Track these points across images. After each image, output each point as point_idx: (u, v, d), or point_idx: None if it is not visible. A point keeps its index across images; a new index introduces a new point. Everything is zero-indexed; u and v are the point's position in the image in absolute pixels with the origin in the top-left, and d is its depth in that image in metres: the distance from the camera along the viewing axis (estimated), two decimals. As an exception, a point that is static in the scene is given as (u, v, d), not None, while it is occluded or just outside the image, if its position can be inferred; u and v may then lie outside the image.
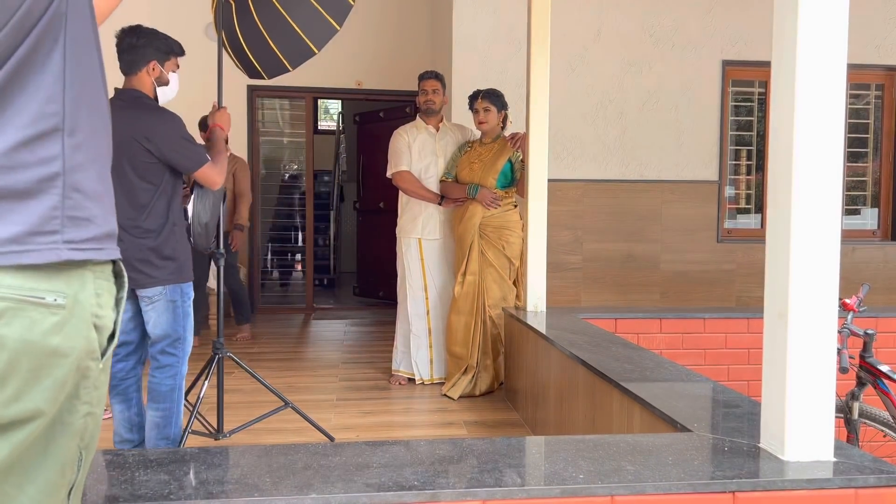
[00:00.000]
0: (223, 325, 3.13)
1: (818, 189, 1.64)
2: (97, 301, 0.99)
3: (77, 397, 0.98)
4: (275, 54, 3.08)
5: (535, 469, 1.69)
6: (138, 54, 2.66)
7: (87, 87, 0.99)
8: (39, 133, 0.93)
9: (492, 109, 4.23)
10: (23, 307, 0.91)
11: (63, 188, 0.95)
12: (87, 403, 1.00)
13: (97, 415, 1.03)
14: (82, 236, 0.97)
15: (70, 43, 0.96)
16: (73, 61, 0.96)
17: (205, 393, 3.01)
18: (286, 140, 7.88)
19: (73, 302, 0.95)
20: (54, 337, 0.93)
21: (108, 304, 1.02)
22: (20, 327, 0.91)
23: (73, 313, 0.95)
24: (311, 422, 3.13)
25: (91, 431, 1.02)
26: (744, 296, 5.99)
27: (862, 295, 2.93)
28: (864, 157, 6.39)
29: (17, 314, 0.91)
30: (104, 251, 1.00)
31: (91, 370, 0.99)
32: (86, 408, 1.00)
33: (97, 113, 1.02)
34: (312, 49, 3.05)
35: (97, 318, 0.99)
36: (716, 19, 5.86)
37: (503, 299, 4.20)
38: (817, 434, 1.68)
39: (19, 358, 0.91)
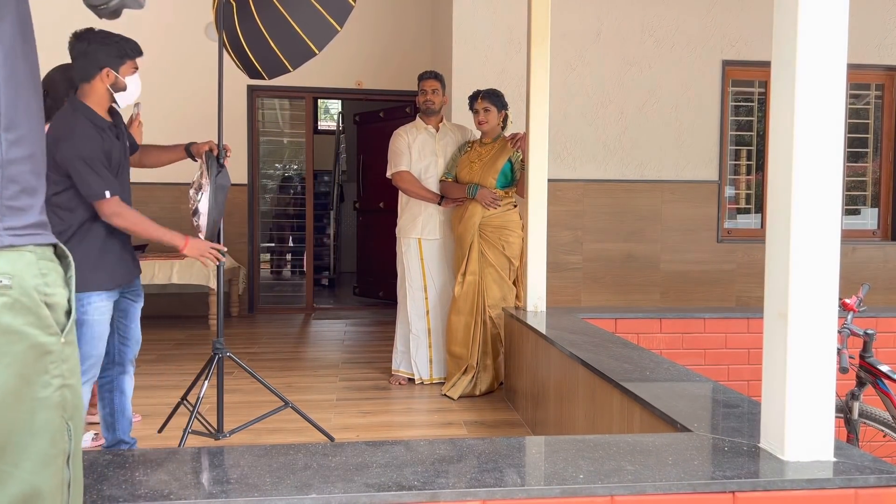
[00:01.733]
0: (223, 325, 3.10)
1: (818, 189, 1.64)
2: (44, 280, 1.03)
3: (45, 372, 1.02)
4: (276, 54, 3.07)
5: (535, 469, 1.69)
6: (89, 61, 2.54)
7: (21, 89, 1.04)
8: None
9: (492, 109, 4.23)
10: None
11: (1, 180, 0.99)
12: (59, 377, 1.04)
13: (74, 385, 1.07)
14: (21, 223, 1.02)
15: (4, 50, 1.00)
16: (7, 66, 1.01)
17: (205, 393, 2.99)
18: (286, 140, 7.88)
19: (18, 282, 0.99)
20: (4, 316, 0.97)
21: (57, 282, 1.06)
22: None
23: (20, 292, 0.99)
24: (311, 421, 3.12)
25: (72, 402, 1.07)
26: (744, 296, 5.99)
27: (862, 295, 2.93)
28: (864, 157, 6.39)
29: None
30: (42, 236, 1.06)
31: (51, 345, 1.03)
32: (58, 381, 1.04)
33: (32, 113, 1.06)
34: (313, 49, 3.04)
35: (46, 295, 1.03)
36: (716, 19, 5.87)
37: (503, 299, 4.20)
38: (817, 434, 1.68)
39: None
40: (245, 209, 7.07)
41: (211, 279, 5.98)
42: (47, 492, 1.02)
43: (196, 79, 6.37)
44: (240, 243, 7.05)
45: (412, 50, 7.05)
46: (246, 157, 7.07)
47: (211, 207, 2.74)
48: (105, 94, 2.60)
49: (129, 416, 2.87)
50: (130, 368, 2.87)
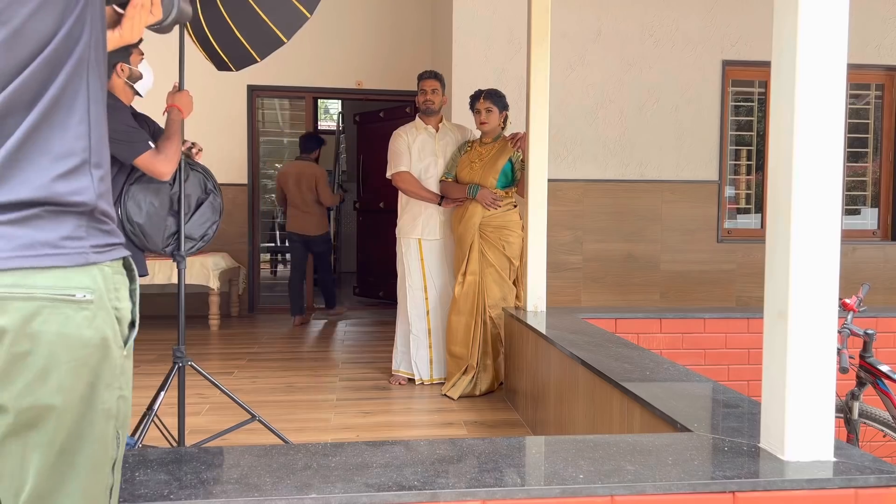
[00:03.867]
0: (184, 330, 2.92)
1: (818, 189, 1.64)
2: (116, 294, 1.10)
3: (109, 383, 1.09)
4: (242, 45, 2.92)
5: (535, 469, 1.69)
6: None
7: (103, 123, 1.12)
8: (71, 168, 1.05)
9: (494, 110, 4.23)
10: (56, 305, 1.02)
11: (91, 212, 1.08)
12: (119, 388, 1.10)
13: (127, 398, 1.13)
14: (102, 242, 1.09)
15: (93, 85, 1.09)
16: (95, 102, 1.10)
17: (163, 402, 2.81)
18: (286, 140, 7.88)
19: (98, 297, 1.06)
20: (86, 329, 1.04)
21: (125, 296, 1.13)
22: (56, 323, 1.01)
23: (99, 307, 1.06)
24: (276, 433, 2.94)
25: (124, 412, 1.13)
26: (744, 296, 5.99)
27: (862, 295, 2.93)
28: (864, 157, 6.39)
29: (53, 311, 1.01)
30: (116, 250, 1.12)
31: (117, 357, 1.09)
32: (117, 392, 1.10)
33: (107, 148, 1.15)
34: (281, 38, 2.90)
35: (117, 309, 1.10)
36: (716, 19, 5.87)
37: (503, 299, 4.20)
38: (817, 434, 1.68)
39: (58, 351, 1.01)
40: (245, 209, 7.07)
41: (211, 279, 5.98)
42: (94, 495, 1.09)
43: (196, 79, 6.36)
44: (240, 243, 7.05)
45: (412, 50, 7.05)
46: (246, 157, 7.07)
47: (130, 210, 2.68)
48: (125, 88, 2.67)
49: None
50: None
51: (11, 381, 1.00)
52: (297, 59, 7.00)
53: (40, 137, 1.03)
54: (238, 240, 7.04)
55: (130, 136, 2.58)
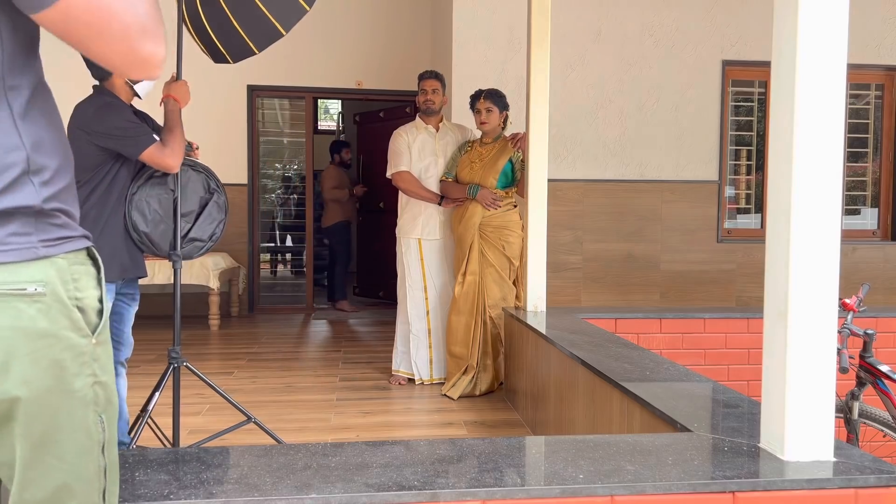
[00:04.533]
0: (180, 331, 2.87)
1: (818, 189, 1.64)
2: (74, 285, 1.10)
3: (78, 372, 1.11)
4: (240, 36, 2.90)
5: (535, 469, 1.69)
6: None
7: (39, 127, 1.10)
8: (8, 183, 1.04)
9: (494, 109, 4.23)
10: (7, 299, 1.03)
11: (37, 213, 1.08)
12: (91, 375, 1.12)
13: (105, 382, 1.16)
14: (53, 236, 1.09)
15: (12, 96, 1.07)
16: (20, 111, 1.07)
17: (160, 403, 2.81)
18: (286, 140, 7.88)
19: (51, 289, 1.07)
20: (41, 321, 1.05)
21: (88, 285, 1.13)
22: (9, 317, 1.03)
23: (53, 299, 1.07)
24: (271, 434, 2.95)
25: (104, 397, 1.16)
26: (744, 296, 5.99)
27: (862, 295, 2.93)
28: (864, 157, 6.39)
29: (5, 306, 1.03)
30: (74, 241, 1.12)
31: (83, 346, 1.11)
32: (90, 379, 1.12)
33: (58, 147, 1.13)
34: (280, 31, 2.89)
35: (77, 300, 1.10)
36: (716, 19, 5.87)
37: (503, 299, 4.20)
38: (817, 434, 1.68)
39: (15, 344, 1.04)
40: (245, 209, 7.07)
41: (211, 279, 5.98)
42: (86, 479, 1.13)
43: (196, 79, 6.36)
44: (240, 243, 7.05)
45: (412, 50, 7.05)
46: (246, 157, 7.07)
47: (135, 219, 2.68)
48: (125, 87, 2.66)
49: (126, 416, 2.86)
50: (122, 370, 2.85)
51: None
52: (297, 59, 7.00)
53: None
54: (238, 240, 7.04)
55: (134, 131, 2.58)
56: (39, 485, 1.10)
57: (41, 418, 1.08)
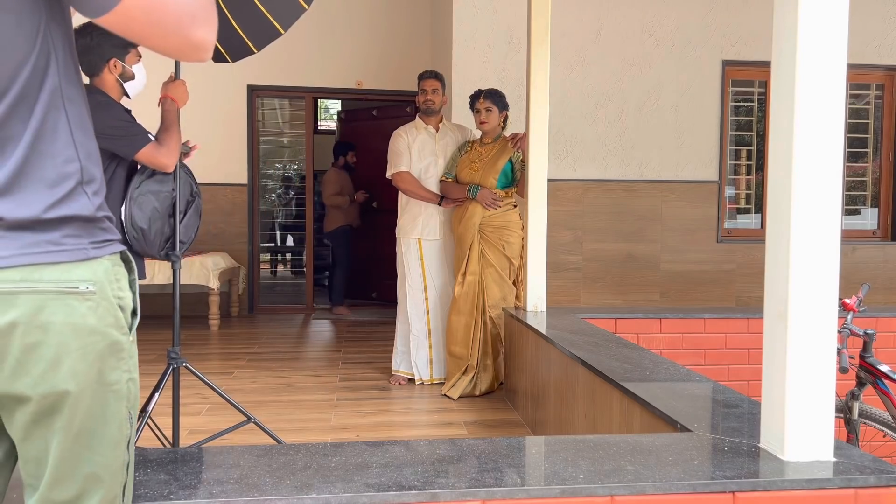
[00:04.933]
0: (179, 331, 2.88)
1: (818, 189, 1.64)
2: (117, 285, 1.19)
3: (118, 367, 1.19)
4: (239, 36, 2.90)
5: (535, 469, 1.69)
6: (95, 55, 2.56)
7: (88, 137, 1.19)
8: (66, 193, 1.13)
9: (493, 109, 4.23)
10: (62, 297, 1.11)
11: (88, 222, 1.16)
12: (127, 371, 1.21)
13: (136, 380, 1.24)
14: (100, 238, 1.18)
15: (71, 111, 1.15)
16: (77, 125, 1.16)
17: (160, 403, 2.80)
18: (286, 140, 7.88)
19: (100, 288, 1.15)
20: (91, 318, 1.13)
21: (125, 286, 1.22)
22: (63, 314, 1.11)
23: (101, 297, 1.15)
24: (271, 434, 2.95)
25: (135, 394, 1.24)
26: (744, 296, 5.99)
27: (862, 295, 2.93)
28: (864, 157, 6.39)
29: (59, 303, 1.11)
30: (114, 244, 1.21)
31: (123, 343, 1.19)
32: (126, 375, 1.20)
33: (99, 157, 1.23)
34: (279, 30, 2.88)
35: (119, 299, 1.19)
36: (716, 19, 5.87)
37: (503, 299, 4.20)
38: (817, 434, 1.68)
39: (67, 339, 1.11)
40: (245, 209, 7.07)
41: (211, 279, 5.98)
42: (113, 471, 1.20)
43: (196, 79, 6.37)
44: (240, 243, 7.05)
45: (412, 50, 7.05)
46: (246, 157, 7.07)
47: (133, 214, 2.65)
48: (115, 86, 2.63)
49: None
50: None
51: (27, 371, 1.09)
52: (297, 59, 7.00)
53: (33, 167, 1.11)
54: (238, 240, 7.04)
55: (129, 130, 2.56)
56: (71, 478, 1.15)
57: (84, 411, 1.14)
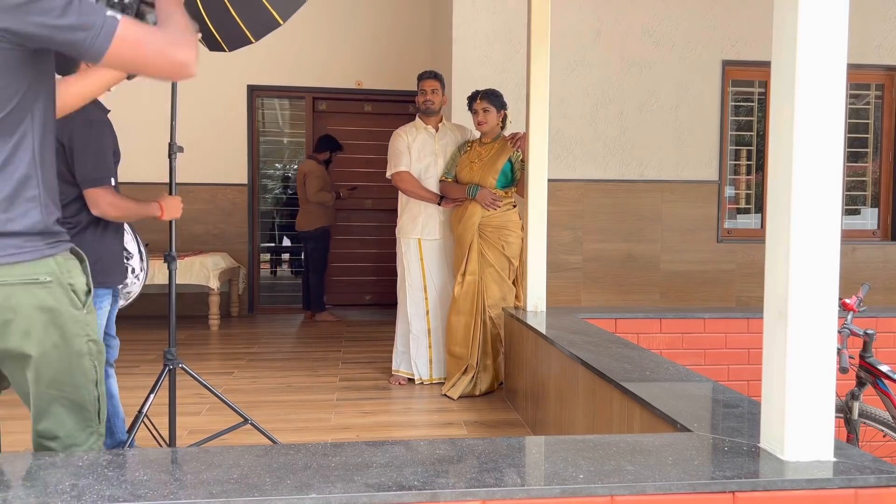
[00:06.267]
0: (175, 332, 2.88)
1: (818, 189, 1.64)
2: (68, 273, 1.63)
3: (76, 333, 1.65)
4: (237, 24, 2.88)
5: (535, 469, 1.69)
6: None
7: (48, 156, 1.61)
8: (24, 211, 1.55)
9: (491, 109, 4.23)
10: (27, 286, 1.56)
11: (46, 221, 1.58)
12: (85, 335, 1.67)
13: (96, 339, 1.70)
14: (53, 240, 1.61)
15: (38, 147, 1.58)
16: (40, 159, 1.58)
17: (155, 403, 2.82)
18: (286, 140, 7.87)
19: (55, 278, 1.59)
20: (49, 300, 1.59)
21: (77, 272, 1.66)
22: (31, 298, 1.56)
23: (57, 284, 1.60)
24: (267, 435, 2.95)
25: (96, 349, 1.70)
26: (744, 296, 5.99)
27: (862, 295, 2.93)
28: (864, 157, 6.39)
29: (25, 291, 1.56)
30: (64, 244, 1.65)
31: (78, 315, 1.65)
32: (84, 338, 1.67)
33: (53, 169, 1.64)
34: (277, 20, 2.85)
35: (71, 284, 1.64)
36: (716, 19, 5.87)
37: (503, 299, 4.20)
38: (817, 434, 1.68)
39: (34, 315, 1.57)
40: (245, 209, 7.07)
41: (211, 279, 5.98)
42: (85, 403, 1.71)
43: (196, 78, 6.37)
44: (240, 243, 7.05)
45: (412, 50, 7.05)
46: (246, 157, 7.07)
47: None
48: None
49: (122, 415, 2.86)
50: (112, 370, 2.85)
51: (6, 339, 1.57)
52: (297, 59, 7.00)
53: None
54: (238, 240, 7.04)
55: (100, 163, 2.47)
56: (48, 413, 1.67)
57: (52, 365, 1.62)
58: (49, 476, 1.51)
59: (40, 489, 1.44)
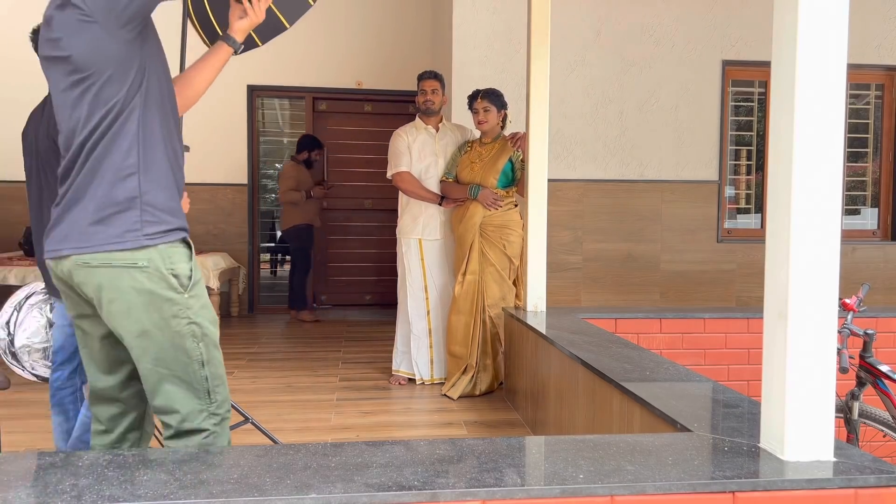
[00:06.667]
0: None
1: (818, 189, 1.64)
2: (170, 260, 1.79)
3: (175, 314, 1.80)
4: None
5: (535, 469, 1.69)
6: None
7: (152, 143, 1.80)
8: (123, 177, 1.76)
9: (491, 109, 4.23)
10: (129, 270, 1.75)
11: (140, 206, 1.77)
12: (186, 317, 1.82)
13: (199, 322, 1.84)
14: (154, 231, 1.78)
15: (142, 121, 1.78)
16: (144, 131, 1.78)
17: None
18: (286, 140, 7.88)
19: (154, 264, 1.77)
20: (147, 283, 1.76)
21: (181, 260, 1.82)
22: (129, 280, 1.75)
23: (155, 269, 1.77)
24: (269, 436, 2.97)
25: (199, 331, 1.85)
26: (744, 296, 5.99)
27: (862, 295, 2.93)
28: (864, 157, 6.39)
29: (127, 274, 1.75)
30: (171, 234, 1.81)
31: (176, 299, 1.80)
32: (186, 320, 1.82)
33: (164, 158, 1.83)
34: (284, 24, 2.86)
35: (171, 269, 1.79)
36: (716, 19, 5.87)
37: (502, 298, 4.20)
38: (817, 434, 1.68)
39: (133, 298, 1.76)
40: (245, 209, 7.07)
41: (211, 279, 5.98)
42: (192, 381, 1.85)
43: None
44: (240, 243, 7.05)
45: (412, 50, 7.05)
46: (246, 157, 7.06)
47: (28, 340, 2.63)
48: None
49: None
50: None
51: (112, 318, 1.77)
52: (297, 59, 7.00)
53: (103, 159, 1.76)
54: (238, 240, 7.04)
55: None
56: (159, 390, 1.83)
57: (153, 345, 1.79)
58: (49, 476, 1.51)
59: (40, 489, 1.44)
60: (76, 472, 1.53)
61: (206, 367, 1.85)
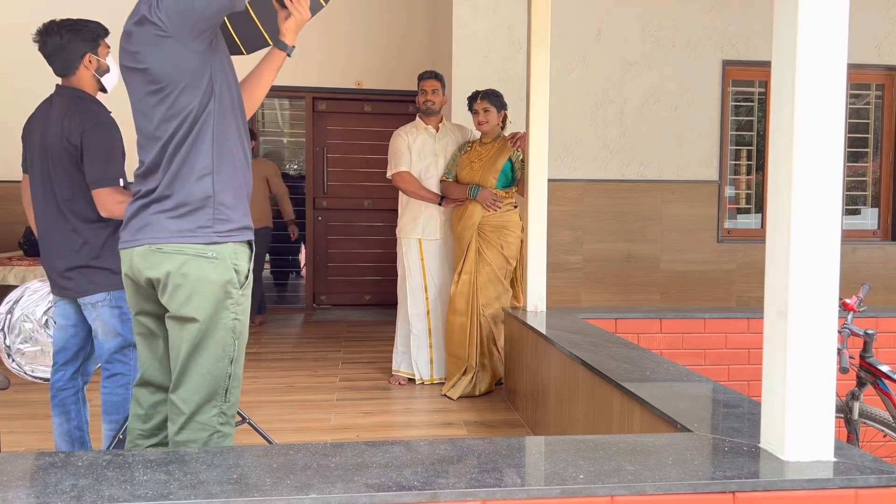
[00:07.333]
0: None
1: (818, 189, 1.64)
2: (235, 256, 1.95)
3: (226, 308, 1.93)
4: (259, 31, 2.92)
5: (535, 469, 1.69)
6: (69, 52, 2.49)
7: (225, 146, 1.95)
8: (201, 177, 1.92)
9: (491, 109, 4.23)
10: (197, 259, 1.90)
11: (214, 204, 1.93)
12: (233, 312, 1.95)
13: (241, 320, 1.97)
14: (224, 229, 1.94)
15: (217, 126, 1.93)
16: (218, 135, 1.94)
17: None
18: (286, 140, 7.87)
19: (222, 256, 1.92)
20: (213, 274, 1.91)
21: (243, 258, 1.98)
22: (197, 269, 1.90)
23: (222, 262, 1.92)
24: (265, 436, 2.94)
25: (239, 329, 1.97)
26: (744, 296, 5.98)
27: (862, 295, 2.93)
28: (864, 157, 6.39)
29: (195, 262, 1.90)
30: (239, 234, 1.98)
31: (233, 293, 1.95)
32: (232, 314, 1.95)
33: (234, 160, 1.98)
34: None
35: (235, 265, 1.95)
36: (716, 19, 5.86)
37: (497, 299, 4.20)
38: (817, 434, 1.68)
39: (198, 285, 1.89)
40: (245, 209, 7.04)
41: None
42: (216, 376, 1.94)
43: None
44: (240, 243, 7.02)
45: (412, 50, 7.05)
46: (246, 157, 7.04)
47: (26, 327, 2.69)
48: (92, 81, 2.58)
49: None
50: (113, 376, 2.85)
51: (174, 299, 1.90)
52: (297, 59, 6.94)
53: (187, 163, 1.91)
54: (238, 240, 7.01)
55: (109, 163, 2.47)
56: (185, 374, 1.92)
57: (202, 331, 1.90)
58: (49, 476, 1.51)
59: (40, 489, 1.45)
60: (76, 472, 1.53)
61: (233, 365, 1.95)
